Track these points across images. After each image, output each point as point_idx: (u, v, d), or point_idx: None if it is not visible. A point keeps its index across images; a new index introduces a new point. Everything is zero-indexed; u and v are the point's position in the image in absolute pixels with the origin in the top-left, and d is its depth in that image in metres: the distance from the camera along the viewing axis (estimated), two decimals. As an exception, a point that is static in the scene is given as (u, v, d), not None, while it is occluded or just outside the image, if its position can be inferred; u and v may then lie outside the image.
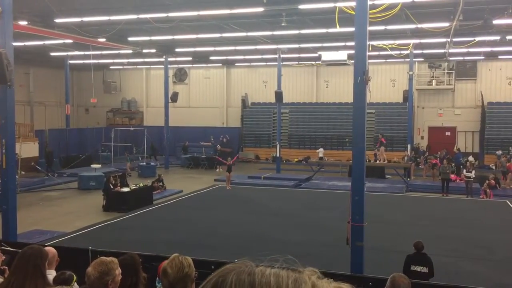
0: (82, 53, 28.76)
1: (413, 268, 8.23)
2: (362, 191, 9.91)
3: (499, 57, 30.51)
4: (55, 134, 32.84)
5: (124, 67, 39.18)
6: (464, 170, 22.64)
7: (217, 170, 30.01)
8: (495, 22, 18.51)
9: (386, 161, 25.88)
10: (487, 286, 9.67)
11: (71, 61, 33.43)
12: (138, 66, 39.03)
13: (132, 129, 34.11)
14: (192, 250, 11.26)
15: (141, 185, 19.79)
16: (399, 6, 15.62)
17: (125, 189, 18.78)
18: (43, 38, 22.92)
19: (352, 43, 10.41)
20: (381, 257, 11.25)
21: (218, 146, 32.72)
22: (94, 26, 21.57)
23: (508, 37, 21.77)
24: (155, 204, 18.99)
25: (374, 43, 23.25)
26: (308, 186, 24.11)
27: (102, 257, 3.59)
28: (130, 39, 24.39)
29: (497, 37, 21.84)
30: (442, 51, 26.94)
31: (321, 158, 30.23)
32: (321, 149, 30.84)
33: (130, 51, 27.78)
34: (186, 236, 13.81)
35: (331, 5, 16.04)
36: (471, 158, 27.86)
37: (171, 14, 18.42)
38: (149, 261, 6.95)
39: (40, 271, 3.88)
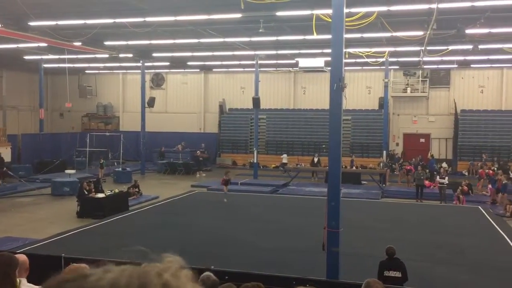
0: (57, 57, 28.36)
1: (387, 273, 8.32)
2: (338, 197, 9.98)
3: (472, 65, 31.26)
4: (28, 139, 32.20)
5: (100, 71, 38.73)
6: (438, 176, 23.04)
7: (198, 175, 29.89)
8: (468, 31, 18.97)
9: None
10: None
11: (45, 65, 32.87)
12: (114, 71, 38.64)
13: (108, 134, 33.70)
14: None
15: (117, 191, 19.54)
16: (374, 15, 15.87)
17: (100, 195, 18.51)
18: (17, 41, 22.52)
19: (329, 50, 10.51)
20: (356, 263, 11.33)
21: (198, 152, 32.62)
22: (69, 30, 21.28)
23: (480, 46, 22.32)
24: (131, 210, 18.76)
25: (351, 50, 23.54)
26: (285, 192, 24.17)
27: (73, 264, 3.51)
28: (106, 43, 24.13)
29: (470, 46, 22.37)
30: (416, 59, 27.45)
31: (284, 164, 30.51)
32: (284, 155, 31.16)
33: (106, 56, 27.48)
34: (161, 242, 13.66)
35: (308, 12, 16.19)
36: (444, 165, 28.37)
37: (148, 19, 18.31)
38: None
39: (10, 279, 3.78)
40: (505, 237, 15.03)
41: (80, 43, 22.64)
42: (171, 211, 18.66)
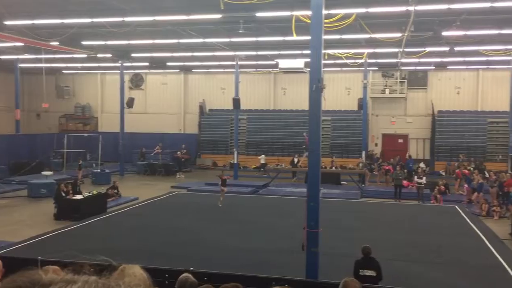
0: (33, 56, 27.91)
1: (362, 272, 8.40)
2: (317, 198, 10.03)
3: (448, 67, 31.79)
4: (4, 140, 31.56)
5: (78, 71, 38.23)
6: (416, 176, 23.36)
7: (177, 176, 29.73)
8: (444, 33, 19.31)
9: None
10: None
11: (21, 65, 32.30)
12: (92, 71, 38.16)
13: (86, 135, 33.26)
14: (147, 258, 11.06)
15: (95, 192, 19.31)
16: (353, 16, 16.02)
17: (78, 197, 18.26)
18: (-8, 40, 22.09)
19: (309, 51, 10.57)
20: (336, 262, 11.40)
21: (179, 153, 32.46)
22: (46, 29, 20.96)
23: (457, 48, 22.73)
24: (109, 212, 18.55)
25: (330, 51, 23.71)
26: (265, 192, 24.21)
27: (48, 266, 3.46)
28: (84, 43, 23.83)
29: (446, 48, 22.76)
30: (394, 60, 27.79)
31: (263, 164, 30.61)
32: (262, 156, 31.26)
33: (84, 56, 27.15)
34: (140, 244, 13.56)
35: (287, 13, 16.26)
36: (422, 165, 28.78)
37: (126, 19, 18.15)
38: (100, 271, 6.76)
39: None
40: (481, 235, 15.32)
41: (57, 43, 22.31)
42: (150, 213, 18.52)
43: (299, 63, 23.89)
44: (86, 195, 18.68)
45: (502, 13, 17.47)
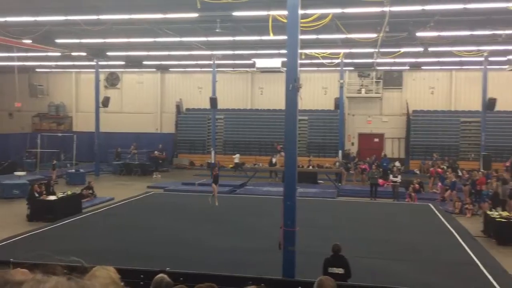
0: (5, 54, 27.29)
1: (330, 270, 8.47)
2: (294, 197, 10.07)
3: (423, 67, 32.34)
4: (-25, 140, 30.84)
5: (52, 70, 37.54)
6: (391, 175, 23.67)
7: (154, 176, 29.48)
8: (419, 34, 19.63)
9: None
10: (413, 286, 10.13)
11: (-7, 63, 31.57)
12: (67, 70, 37.52)
13: (60, 134, 32.70)
14: (122, 259, 10.93)
15: (69, 193, 19.00)
16: (329, 17, 16.15)
17: (52, 198, 17.94)
18: (-39, 37, 21.50)
19: (286, 51, 10.60)
20: (312, 261, 11.43)
21: (156, 153, 32.19)
22: (19, 27, 20.52)
23: (431, 49, 23.11)
24: (85, 213, 18.28)
25: (307, 51, 23.85)
26: (242, 192, 24.20)
27: (18, 268, 3.37)
28: (58, 41, 23.42)
29: (421, 49, 23.12)
30: (370, 60, 28.12)
31: (237, 164, 30.64)
32: (237, 155, 31.29)
33: (58, 54, 26.67)
34: (116, 244, 13.39)
35: (264, 13, 16.28)
36: (397, 164, 29.18)
37: (102, 17, 17.91)
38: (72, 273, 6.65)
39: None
40: (454, 233, 15.61)
41: (30, 41, 21.87)
42: (126, 213, 18.31)
43: (276, 62, 24.14)
44: (60, 195, 18.36)
45: (475, 15, 17.85)
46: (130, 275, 6.79)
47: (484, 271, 11.58)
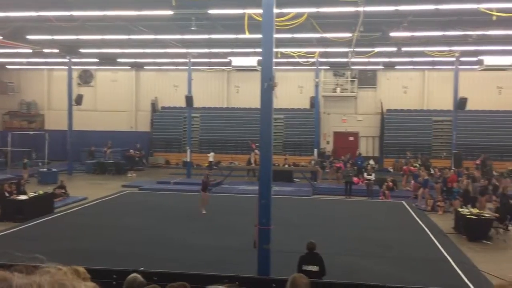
0: (-26, 50, 26.58)
1: (305, 267, 8.53)
2: (269, 195, 10.09)
3: (396, 67, 32.78)
4: None
5: (23, 67, 36.71)
6: (365, 173, 23.96)
7: (129, 175, 29.17)
8: (392, 34, 19.89)
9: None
10: (386, 282, 10.27)
11: (-39, 59, 30.72)
12: (39, 67, 36.76)
13: (32, 133, 32.02)
14: (95, 258, 10.78)
15: (41, 192, 18.63)
16: (305, 16, 16.24)
17: (22, 197, 17.56)
18: None
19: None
20: (288, 259, 11.50)
21: (131, 151, 31.81)
22: (-13, 22, 20.01)
23: (404, 49, 23.46)
24: (57, 212, 17.95)
25: (282, 50, 23.93)
26: (218, 190, 24.09)
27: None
28: (29, 37, 22.91)
29: (394, 49, 23.45)
30: (345, 60, 28.37)
31: (210, 162, 30.62)
32: (212, 153, 31.24)
33: (30, 51, 26.11)
34: (89, 244, 13.20)
35: (240, 11, 16.27)
36: (372, 162, 29.54)
37: (74, 13, 17.61)
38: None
39: None
40: (426, 230, 15.90)
41: (0, 37, 21.33)
42: (100, 212, 18.06)
43: (252, 61, 24.12)
44: (32, 195, 17.99)
45: (446, 16, 18.19)
46: (102, 275, 6.71)
47: (455, 266, 11.83)
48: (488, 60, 23.19)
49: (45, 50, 26.47)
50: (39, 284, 0.99)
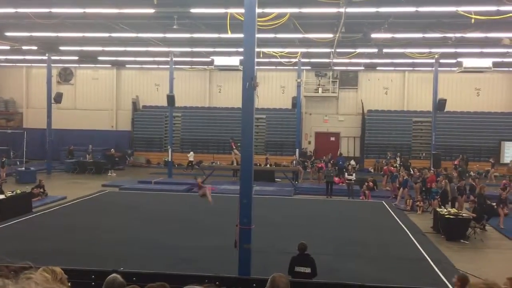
0: (-50, 46, 26.01)
1: (297, 269, 8.55)
2: (250, 195, 10.09)
3: (377, 68, 33.12)
4: None
5: (1, 64, 36.05)
6: (346, 173, 24.12)
7: (109, 174, 28.87)
8: (373, 35, 20.07)
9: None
10: (365, 281, 10.36)
11: None
12: (17, 64, 36.13)
13: (9, 131, 31.45)
14: (74, 259, 10.64)
15: (19, 191, 18.30)
16: (287, 16, 16.28)
17: (0, 197, 17.22)
18: None
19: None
20: (269, 259, 11.53)
21: (112, 150, 31.47)
22: (-36, 18, 19.59)
23: (385, 50, 23.68)
24: (35, 212, 17.67)
25: (265, 50, 23.95)
26: (199, 190, 24.00)
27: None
28: (7, 34, 22.50)
29: (375, 50, 23.65)
30: (327, 60, 28.53)
31: (190, 162, 30.54)
32: (191, 153, 31.19)
33: (8, 48, 25.64)
34: (68, 245, 13.02)
35: (222, 10, 16.23)
36: (352, 162, 29.77)
37: (54, 10, 17.35)
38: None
39: None
40: (406, 229, 16.09)
41: (-23, 33, 20.93)
42: (79, 212, 17.83)
43: (234, 60, 24.07)
44: (9, 194, 17.67)
45: (426, 18, 18.45)
46: (81, 276, 6.62)
47: (433, 266, 11.99)
48: (467, 62, 23.57)
49: (24, 47, 26.03)
50: None
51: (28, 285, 1.02)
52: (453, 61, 26.66)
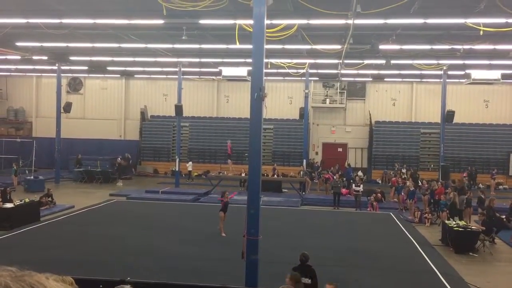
0: (-38, 56, 26.33)
1: None
2: (257, 205, 10.08)
3: (385, 79, 33.09)
4: None
5: (12, 73, 36.43)
6: (354, 185, 24.03)
7: (118, 184, 28.94)
8: (381, 47, 20.08)
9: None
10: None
11: (-52, 65, 30.40)
12: (27, 73, 36.51)
13: (19, 140, 31.70)
14: (82, 268, 10.66)
15: (27, 200, 18.41)
16: (295, 27, 16.35)
17: (8, 205, 17.34)
18: None
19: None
20: (276, 270, 11.47)
21: (119, 159, 31.60)
22: (-24, 28, 19.85)
23: (393, 61, 23.69)
24: (43, 221, 17.75)
25: (273, 61, 24.03)
26: (207, 200, 24.03)
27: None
28: (18, 44, 22.77)
29: (383, 61, 23.67)
30: (335, 71, 28.57)
31: (189, 172, 30.57)
32: (190, 163, 31.20)
33: (19, 57, 25.93)
34: (76, 254, 13.05)
35: (231, 22, 16.32)
36: (360, 173, 29.66)
37: (64, 21, 17.52)
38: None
39: None
40: (414, 241, 15.97)
41: (-12, 43, 21.20)
42: (87, 221, 17.89)
43: (242, 71, 24.19)
44: (18, 203, 17.77)
45: (434, 29, 18.44)
46: (89, 285, 6.64)
47: (442, 278, 11.88)
48: (475, 74, 23.51)
49: (34, 57, 26.32)
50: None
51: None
52: (462, 72, 26.56)
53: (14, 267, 1.60)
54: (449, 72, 27.38)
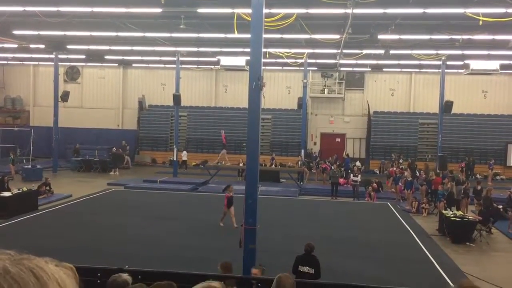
0: (-42, 44, 26.17)
1: (301, 268, 8.54)
2: (255, 195, 10.10)
3: (384, 69, 32.99)
4: None
5: (9, 62, 36.20)
6: (351, 175, 24.07)
7: (112, 173, 28.91)
8: (380, 37, 20.02)
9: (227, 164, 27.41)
10: (370, 283, 10.33)
11: None
12: (24, 62, 36.30)
13: (16, 129, 31.62)
14: (79, 256, 10.68)
15: (25, 189, 18.40)
16: (294, 16, 16.26)
17: (6, 194, 17.34)
18: None
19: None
20: (274, 259, 11.52)
21: (114, 149, 31.54)
22: (-28, 16, 19.69)
23: (391, 52, 23.62)
24: (41, 210, 17.77)
25: (271, 50, 23.93)
26: (205, 190, 24.08)
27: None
28: (15, 32, 22.61)
29: (382, 51, 23.60)
30: (333, 61, 28.46)
31: (184, 161, 30.53)
32: (184, 152, 31.20)
33: (15, 46, 25.78)
34: (73, 242, 13.08)
35: (229, 10, 16.23)
36: (358, 163, 29.70)
37: (62, 9, 17.41)
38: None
39: None
40: (411, 231, 16.05)
41: (-15, 31, 21.06)
42: (85, 210, 17.91)
43: (240, 60, 24.13)
44: (15, 192, 17.78)
45: (434, 19, 18.37)
46: (87, 273, 6.65)
47: (438, 268, 11.96)
48: (474, 64, 23.47)
49: (32, 46, 26.17)
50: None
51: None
52: (460, 63, 26.53)
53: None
54: (448, 63, 27.32)
